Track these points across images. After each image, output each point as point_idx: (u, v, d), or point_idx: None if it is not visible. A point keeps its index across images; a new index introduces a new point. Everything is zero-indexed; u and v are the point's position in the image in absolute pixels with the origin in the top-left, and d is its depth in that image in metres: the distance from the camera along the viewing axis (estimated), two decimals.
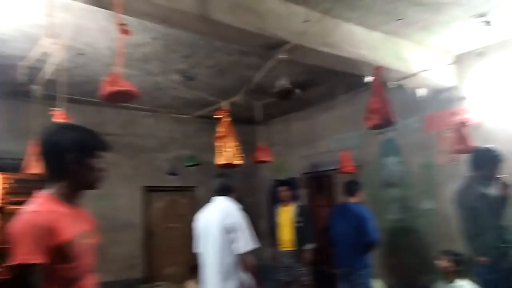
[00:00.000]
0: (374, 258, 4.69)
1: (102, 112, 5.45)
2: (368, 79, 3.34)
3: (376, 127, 3.14)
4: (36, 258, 1.23)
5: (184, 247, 6.03)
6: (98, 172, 1.49)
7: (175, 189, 6.29)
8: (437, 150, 4.35)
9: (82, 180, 1.46)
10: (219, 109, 4.04)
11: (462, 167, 3.53)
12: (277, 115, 5.87)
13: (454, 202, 3.14)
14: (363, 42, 3.51)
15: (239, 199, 3.22)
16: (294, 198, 5.23)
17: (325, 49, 3.24)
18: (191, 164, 5.83)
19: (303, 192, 6.00)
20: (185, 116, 5.85)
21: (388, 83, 3.66)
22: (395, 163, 4.89)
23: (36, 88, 3.57)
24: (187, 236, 6.18)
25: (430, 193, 4.46)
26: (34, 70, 3.39)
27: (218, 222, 2.96)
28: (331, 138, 5.67)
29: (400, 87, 4.02)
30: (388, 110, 3.03)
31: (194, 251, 3.23)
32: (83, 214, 1.53)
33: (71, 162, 1.42)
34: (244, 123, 5.64)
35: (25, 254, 1.23)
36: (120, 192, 5.47)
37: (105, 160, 1.54)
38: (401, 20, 3.39)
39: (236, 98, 4.12)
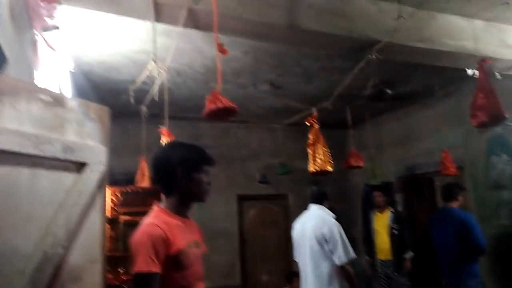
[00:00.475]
0: (482, 267, 4.31)
1: (198, 126, 5.80)
2: (472, 71, 3.09)
3: (483, 124, 2.89)
4: (153, 267, 1.33)
5: (278, 254, 6.13)
6: (206, 186, 1.59)
7: (267, 197, 6.42)
8: None
9: (191, 193, 1.56)
10: (309, 115, 4.05)
11: None
12: (368, 117, 5.67)
13: None
14: (463, 32, 3.26)
15: (331, 207, 3.19)
16: (389, 204, 5.00)
17: (421, 45, 3.07)
18: (283, 172, 5.90)
19: (398, 197, 5.69)
20: (275, 124, 5.97)
21: (495, 74, 3.34)
22: (505, 162, 4.40)
23: (144, 109, 3.95)
24: (281, 244, 6.31)
25: None
26: (142, 92, 3.75)
27: (313, 232, 2.98)
28: (429, 138, 5.32)
29: (509, 77, 3.63)
30: (496, 105, 2.76)
31: (293, 259, 3.27)
32: (192, 225, 1.63)
33: (182, 177, 1.53)
34: (334, 128, 5.57)
35: (144, 262, 1.33)
36: (216, 201, 5.74)
37: (210, 174, 1.65)
38: (508, 4, 3.08)
39: (327, 104, 4.09)
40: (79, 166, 1.70)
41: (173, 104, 4.09)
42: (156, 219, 1.48)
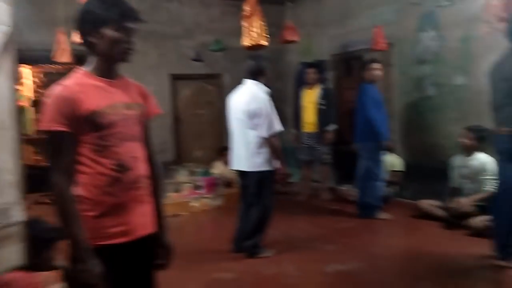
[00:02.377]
0: (396, 136, 4.82)
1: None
2: None
3: None
4: (58, 125, 1.31)
5: (212, 132, 6.33)
6: (122, 45, 1.41)
7: (202, 77, 6.32)
8: (481, 20, 4.03)
9: (105, 53, 1.41)
10: None
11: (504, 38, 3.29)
12: None
13: (488, 75, 2.98)
14: None
15: (267, 83, 3.25)
16: (320, 81, 5.19)
17: None
18: (217, 48, 5.74)
19: (330, 74, 5.88)
20: None
21: None
22: (432, 38, 4.60)
23: None
24: (215, 122, 6.46)
25: (464, 68, 4.25)
26: None
27: (243, 106, 3.14)
28: (364, 14, 5.31)
29: None
30: None
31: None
32: (127, 87, 1.52)
33: (90, 33, 1.39)
34: (272, 3, 5.33)
35: (48, 121, 1.32)
36: (147, 80, 5.52)
37: (133, 33, 1.44)
38: None
39: None
40: None
41: None
42: (69, 81, 1.39)
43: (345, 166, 5.23)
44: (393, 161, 4.78)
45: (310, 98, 5.09)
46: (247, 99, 3.14)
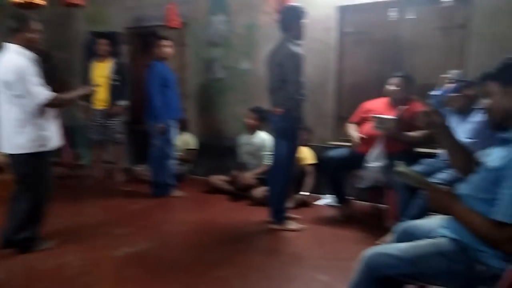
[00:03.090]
0: (190, 115, 4.96)
1: None
2: None
3: None
4: None
5: None
6: None
7: None
8: (262, 11, 4.45)
9: None
10: None
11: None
12: None
13: (265, 61, 3.33)
14: None
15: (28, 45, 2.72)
16: (113, 54, 4.83)
17: None
18: None
19: (125, 48, 5.54)
20: None
21: None
22: (222, 22, 4.83)
23: None
24: None
25: (249, 54, 4.65)
26: None
27: (2, 76, 2.60)
28: None
29: None
30: None
31: None
32: None
33: None
34: None
35: None
36: None
37: None
38: None
39: None
40: None
41: None
42: None
43: (139, 145, 5.07)
44: (187, 139, 4.89)
45: (102, 72, 4.67)
46: (5, 67, 2.60)
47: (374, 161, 3.20)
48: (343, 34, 4.15)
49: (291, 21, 3.14)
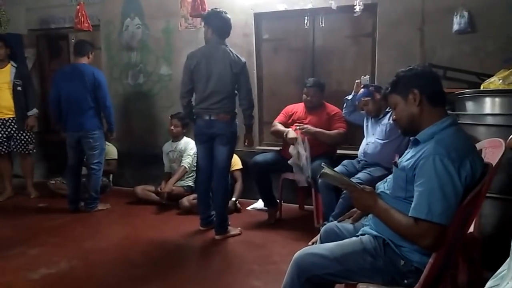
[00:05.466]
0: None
1: None
2: None
3: None
4: None
5: None
6: None
7: None
8: (179, 15, 4.38)
9: None
10: None
11: (200, 32, 3.70)
12: None
13: (197, 66, 3.11)
14: None
15: None
16: (11, 58, 4.40)
17: None
18: None
19: (29, 52, 5.09)
20: None
21: None
22: (137, 26, 4.66)
23: None
24: None
25: (168, 59, 4.55)
26: None
27: None
28: None
29: None
30: None
31: None
32: None
33: None
34: None
35: None
36: None
37: None
38: None
39: None
40: None
41: None
42: None
43: (54, 157, 4.68)
44: (108, 149, 4.63)
45: (2, 77, 4.24)
46: None
47: (299, 163, 3.32)
48: (261, 41, 4.26)
49: (226, 27, 3.12)
